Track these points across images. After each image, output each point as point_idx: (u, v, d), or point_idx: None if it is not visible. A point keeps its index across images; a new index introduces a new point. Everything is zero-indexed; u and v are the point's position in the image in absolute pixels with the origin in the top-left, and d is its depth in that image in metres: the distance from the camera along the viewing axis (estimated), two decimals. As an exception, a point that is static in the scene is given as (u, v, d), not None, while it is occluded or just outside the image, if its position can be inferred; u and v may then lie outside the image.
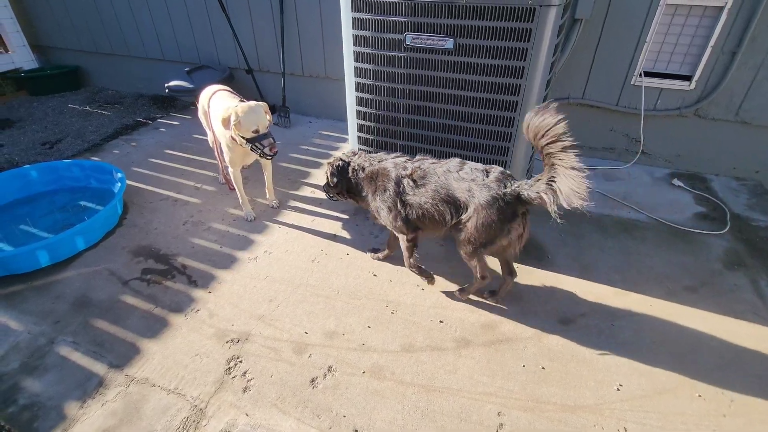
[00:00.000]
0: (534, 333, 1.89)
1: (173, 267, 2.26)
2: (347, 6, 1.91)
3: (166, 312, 2.00)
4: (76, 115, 4.14)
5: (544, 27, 1.64)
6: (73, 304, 2.05)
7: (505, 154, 1.97)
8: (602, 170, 3.06)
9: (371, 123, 2.17)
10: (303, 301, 2.05)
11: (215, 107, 2.43)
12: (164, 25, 4.05)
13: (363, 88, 2.08)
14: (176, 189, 2.93)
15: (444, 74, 1.87)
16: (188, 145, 3.51)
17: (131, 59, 4.49)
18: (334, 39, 3.44)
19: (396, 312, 1.99)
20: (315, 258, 2.31)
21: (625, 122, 3.01)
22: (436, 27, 1.78)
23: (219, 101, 2.44)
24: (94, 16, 4.31)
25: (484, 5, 1.65)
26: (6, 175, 2.71)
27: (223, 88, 2.56)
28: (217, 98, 2.49)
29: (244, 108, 2.14)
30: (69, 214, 2.67)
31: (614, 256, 2.30)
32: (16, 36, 4.57)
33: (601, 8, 2.67)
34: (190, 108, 4.21)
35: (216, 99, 2.49)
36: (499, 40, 1.71)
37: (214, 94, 2.52)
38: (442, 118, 1.99)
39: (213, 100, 2.50)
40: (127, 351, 1.82)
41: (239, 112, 2.12)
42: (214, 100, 2.49)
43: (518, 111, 1.84)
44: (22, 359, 1.78)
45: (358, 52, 2.00)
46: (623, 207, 2.68)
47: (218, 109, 2.36)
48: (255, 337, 1.88)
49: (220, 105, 2.38)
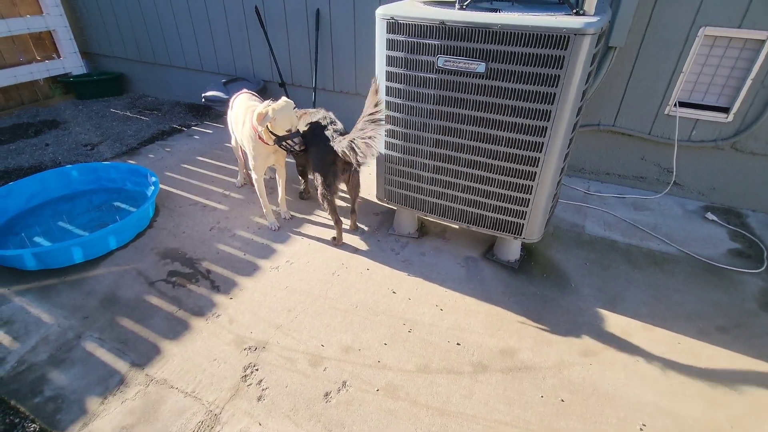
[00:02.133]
0: (554, 363, 1.84)
1: (198, 271, 2.32)
2: (383, 27, 1.96)
3: (188, 315, 2.05)
4: (117, 119, 4.35)
5: (578, 55, 1.64)
6: (102, 300, 2.12)
7: (531, 179, 1.96)
8: (632, 199, 2.99)
9: (399, 141, 2.19)
10: (321, 313, 2.07)
11: (237, 108, 2.59)
12: (205, 38, 4.24)
13: (392, 107, 2.12)
14: (205, 195, 3.02)
15: (474, 97, 1.88)
16: (219, 153, 3.63)
17: (171, 69, 4.70)
18: (366, 57, 3.52)
19: (413, 331, 1.98)
20: (335, 271, 2.33)
21: (657, 151, 2.95)
22: (469, 51, 1.80)
23: (241, 102, 2.60)
24: (141, 27, 4.55)
25: (518, 32, 1.67)
26: (50, 174, 2.86)
27: (245, 91, 2.73)
28: (239, 100, 2.66)
29: (281, 104, 2.24)
30: (104, 213, 2.78)
31: (642, 289, 2.23)
32: (68, 43, 4.86)
33: (636, 37, 2.65)
34: (223, 117, 4.35)
35: (238, 100, 2.66)
36: (531, 66, 1.72)
37: (237, 97, 2.70)
38: (470, 140, 2.00)
39: (235, 102, 2.68)
40: (148, 351, 1.87)
41: (276, 108, 2.21)
42: (236, 102, 2.67)
43: (547, 136, 1.83)
44: (50, 351, 1.85)
45: (390, 71, 2.04)
46: (653, 238, 2.60)
47: (242, 107, 2.52)
48: (272, 346, 1.90)
49: (242, 105, 2.55)
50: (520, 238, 2.16)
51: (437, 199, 2.27)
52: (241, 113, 2.52)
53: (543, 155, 1.88)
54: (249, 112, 2.44)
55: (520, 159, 1.93)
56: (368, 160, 2.13)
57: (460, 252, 2.48)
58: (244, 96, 2.67)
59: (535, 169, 1.93)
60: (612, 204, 2.94)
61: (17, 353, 1.84)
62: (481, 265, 2.38)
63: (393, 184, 2.37)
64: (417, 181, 2.27)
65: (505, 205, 2.09)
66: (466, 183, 2.13)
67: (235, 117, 2.64)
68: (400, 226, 2.60)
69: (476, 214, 2.20)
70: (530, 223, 2.09)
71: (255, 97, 2.69)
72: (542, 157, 1.89)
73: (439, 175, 2.18)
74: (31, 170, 3.32)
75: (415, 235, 2.60)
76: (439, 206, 2.29)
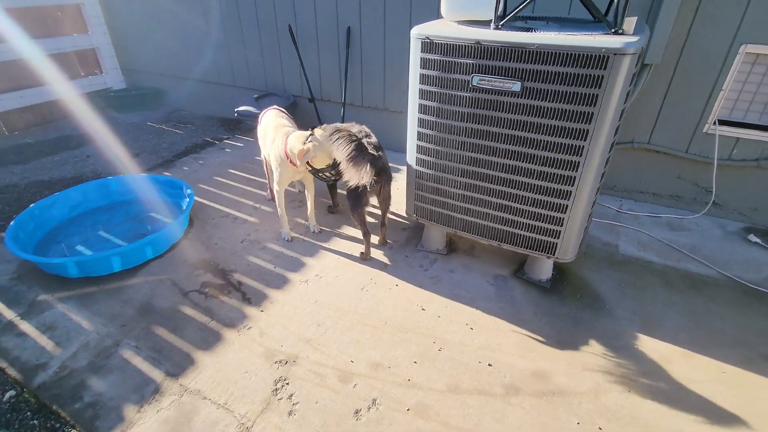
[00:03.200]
0: (590, 388, 1.78)
1: (230, 283, 2.37)
2: (417, 47, 1.99)
3: (220, 326, 2.08)
4: (152, 133, 4.52)
5: (617, 75, 1.63)
6: (138, 309, 2.18)
7: (567, 198, 1.93)
8: (667, 219, 2.90)
9: (430, 158, 2.20)
10: (350, 328, 2.07)
11: (266, 124, 2.68)
12: (239, 54, 4.39)
13: (425, 124, 2.14)
14: (236, 207, 3.09)
15: (508, 115, 1.88)
16: (249, 166, 3.71)
17: (205, 83, 4.87)
18: (395, 73, 3.57)
19: (443, 349, 1.96)
20: (364, 286, 2.33)
21: (695, 170, 2.86)
22: (504, 70, 1.81)
23: (270, 118, 2.68)
24: (177, 44, 4.75)
25: (556, 51, 1.67)
26: (92, 185, 2.99)
27: (274, 107, 2.80)
28: (267, 115, 2.74)
29: (321, 140, 2.28)
30: (140, 223, 2.88)
31: (681, 314, 2.14)
32: (110, 60, 5.11)
33: (672, 54, 2.60)
34: (253, 131, 4.47)
35: (266, 116, 2.74)
36: (569, 85, 1.71)
37: (266, 112, 2.78)
38: (503, 158, 1.99)
39: (264, 117, 2.77)
40: (182, 360, 1.90)
41: (318, 145, 2.27)
42: (264, 117, 2.76)
43: (584, 155, 1.81)
44: (89, 358, 1.91)
45: (423, 89, 2.06)
46: (690, 260, 2.51)
47: (271, 124, 2.60)
48: (302, 360, 1.90)
49: (270, 122, 2.63)
50: (554, 258, 2.13)
51: (468, 216, 2.26)
52: (270, 130, 2.58)
53: (579, 174, 1.85)
54: (279, 131, 2.50)
55: (555, 178, 1.91)
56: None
57: (490, 270, 2.45)
58: (273, 112, 2.74)
59: (571, 188, 1.90)
60: (646, 223, 2.86)
61: (59, 359, 1.91)
62: (512, 284, 2.35)
63: (423, 200, 2.37)
64: (448, 197, 2.27)
65: (539, 224, 2.06)
66: (499, 201, 2.11)
67: (263, 132, 2.71)
68: (429, 242, 2.60)
69: (508, 232, 2.18)
70: (564, 242, 2.06)
71: (283, 113, 2.76)
72: (578, 176, 1.86)
73: (470, 192, 2.17)
74: (73, 181, 3.48)
75: (444, 252, 2.58)
76: (470, 223, 2.28)
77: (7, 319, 2.12)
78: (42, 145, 4.22)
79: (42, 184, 3.43)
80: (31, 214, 2.64)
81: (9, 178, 3.53)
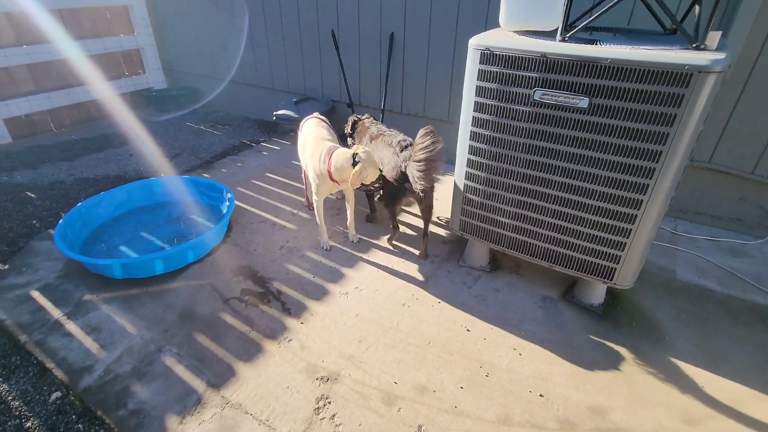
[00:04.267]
0: (652, 428, 1.65)
1: (269, 291, 2.34)
2: (475, 58, 1.91)
3: (260, 337, 2.05)
4: (191, 133, 4.58)
5: (700, 94, 1.50)
6: (180, 315, 2.18)
7: (631, 222, 1.81)
8: (728, 243, 2.72)
9: (482, 173, 2.12)
10: (393, 347, 2.00)
11: (306, 133, 2.63)
12: (279, 58, 4.40)
13: (478, 138, 2.05)
14: (274, 213, 3.08)
15: (573, 132, 1.78)
16: (287, 170, 3.71)
17: (243, 85, 4.91)
18: (437, 81, 3.49)
19: (491, 375, 1.87)
20: (405, 302, 2.26)
21: (760, 193, 2.67)
22: (571, 85, 1.71)
23: (310, 128, 2.63)
24: (218, 46, 4.81)
25: (632, 67, 1.56)
26: (136, 185, 3.03)
27: (315, 116, 2.76)
28: (307, 125, 2.69)
29: (372, 163, 2.26)
30: (181, 225, 2.90)
31: (749, 350, 1.98)
32: (153, 60, 5.23)
33: (743, 68, 2.43)
34: (290, 134, 4.47)
35: (307, 125, 2.70)
36: (643, 103, 1.59)
37: (306, 121, 2.74)
38: (563, 176, 1.88)
39: (304, 126, 2.73)
40: (223, 371, 1.88)
41: (367, 167, 2.22)
42: (305, 126, 2.72)
43: (655, 178, 1.68)
44: (134, 363, 1.91)
45: (479, 102, 1.97)
46: (757, 290, 2.33)
47: (311, 135, 2.55)
48: (344, 378, 1.85)
49: (311, 132, 2.57)
50: (611, 283, 2.00)
51: (519, 234, 2.16)
52: (310, 141, 2.52)
53: (647, 198, 1.73)
54: (319, 145, 2.43)
55: (621, 200, 1.79)
56: (425, 186, 2.22)
57: (537, 290, 2.34)
58: (313, 121, 2.69)
59: (636, 212, 1.78)
60: (704, 247, 2.68)
61: (104, 362, 1.91)
62: (561, 307, 2.23)
63: (470, 216, 2.29)
64: (497, 214, 2.18)
65: (598, 248, 1.94)
66: (555, 221, 2.01)
67: (303, 142, 2.65)
68: (472, 258, 2.51)
69: (562, 253, 2.07)
70: (624, 268, 1.93)
71: (323, 122, 2.70)
72: (646, 199, 1.74)
73: (523, 210, 2.07)
74: (117, 179, 3.55)
75: (488, 269, 2.49)
76: (520, 242, 2.18)
77: (54, 318, 2.15)
78: (87, 142, 4.34)
79: (87, 182, 3.51)
80: (79, 213, 2.69)
81: (56, 174, 3.63)
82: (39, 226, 2.89)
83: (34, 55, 4.22)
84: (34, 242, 2.72)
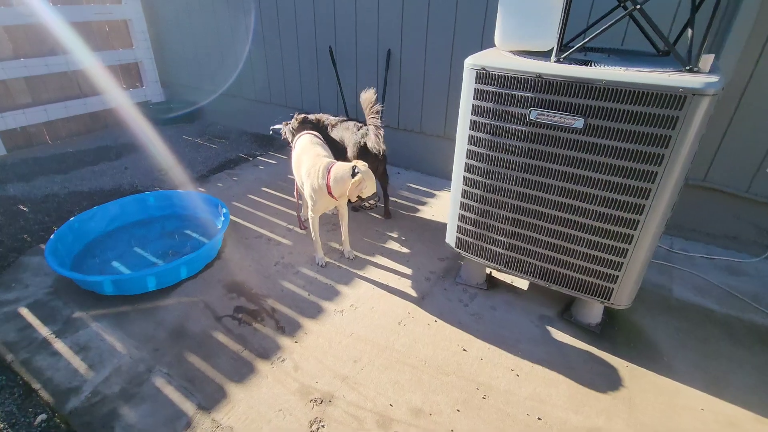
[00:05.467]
0: (652, 454, 1.62)
1: (263, 309, 2.30)
2: (471, 77, 1.92)
3: (253, 356, 2.01)
4: (188, 146, 4.57)
5: (694, 117, 1.51)
6: (171, 333, 2.13)
7: (628, 242, 1.80)
8: (724, 262, 2.71)
9: (477, 191, 2.11)
10: (388, 367, 1.97)
11: (300, 150, 2.63)
12: (276, 72, 4.43)
13: (474, 156, 2.05)
14: (270, 228, 3.06)
15: (568, 152, 1.78)
16: (282, 185, 3.69)
17: (240, 99, 4.93)
18: (434, 98, 3.51)
19: (488, 397, 1.83)
20: (401, 320, 2.23)
21: (756, 211, 2.68)
22: (566, 105, 1.71)
23: (304, 145, 2.64)
24: (216, 60, 4.84)
25: (626, 88, 1.57)
26: (130, 199, 3.00)
27: (307, 132, 2.78)
28: (302, 141, 2.70)
29: (370, 175, 2.27)
30: (175, 240, 2.87)
31: (749, 372, 1.96)
32: (151, 73, 5.25)
33: (736, 87, 2.46)
34: (286, 148, 4.47)
35: (301, 141, 2.70)
36: (638, 125, 1.60)
37: (300, 138, 2.75)
38: (559, 196, 1.88)
39: (298, 142, 2.73)
40: (214, 393, 1.83)
41: (366, 179, 2.24)
42: (299, 142, 2.72)
43: (651, 198, 1.68)
44: (122, 384, 1.86)
45: (474, 120, 1.98)
46: (755, 310, 2.32)
47: (307, 153, 2.54)
48: (338, 400, 1.81)
49: (305, 149, 2.57)
50: (608, 303, 1.98)
51: (515, 253, 2.15)
52: (306, 159, 2.51)
53: (644, 218, 1.73)
54: (317, 162, 2.41)
55: (617, 220, 1.78)
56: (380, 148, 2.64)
57: (534, 309, 2.32)
58: (307, 137, 2.69)
59: (633, 232, 1.77)
60: (701, 265, 2.68)
61: (92, 383, 1.86)
62: (558, 326, 2.21)
63: (466, 233, 2.27)
64: (493, 232, 2.16)
65: (595, 267, 1.93)
66: (551, 240, 1.99)
67: (297, 159, 2.63)
68: (468, 276, 2.49)
69: (559, 273, 2.05)
70: (621, 288, 1.92)
71: (318, 138, 2.71)
72: (642, 219, 1.73)
73: (519, 228, 2.06)
74: (111, 192, 3.52)
75: (484, 286, 2.46)
76: (516, 261, 2.17)
77: (42, 336, 2.10)
78: (82, 154, 4.32)
79: (81, 195, 3.48)
80: (71, 228, 2.66)
81: (50, 187, 3.60)
82: (30, 240, 2.85)
83: (31, 68, 4.23)
84: (24, 257, 2.68)
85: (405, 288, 2.47)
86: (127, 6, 4.82)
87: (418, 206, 3.36)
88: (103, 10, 4.64)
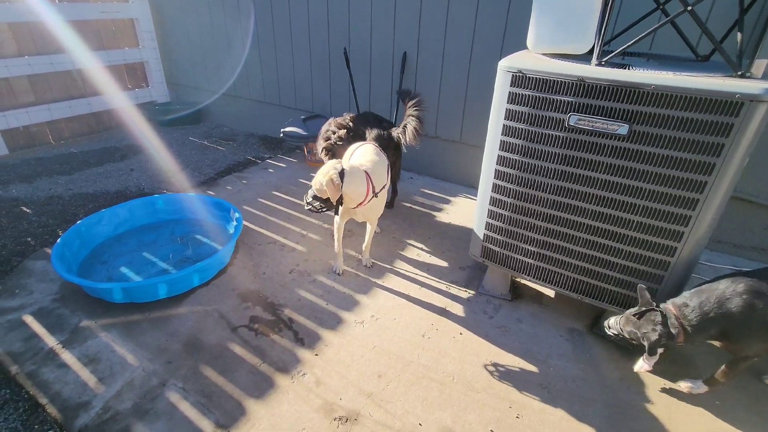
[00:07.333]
0: (700, 480, 1.53)
1: (280, 319, 2.20)
2: (506, 80, 1.84)
3: (272, 370, 1.91)
4: (195, 148, 4.48)
5: (749, 123, 1.44)
6: (185, 344, 2.03)
7: (671, 254, 1.72)
8: (753, 274, 2.63)
9: (507, 198, 2.03)
10: (415, 383, 1.87)
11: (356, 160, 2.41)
12: (287, 74, 4.35)
13: (505, 162, 1.97)
14: (283, 233, 2.96)
15: (609, 160, 1.70)
16: (294, 189, 3.60)
17: (248, 101, 4.84)
18: (450, 101, 3.44)
19: (522, 417, 1.74)
20: (425, 333, 2.14)
21: (786, 222, 2.61)
22: (609, 110, 1.64)
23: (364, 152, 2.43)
24: (225, 61, 4.75)
25: (677, 94, 1.49)
26: (138, 202, 2.90)
27: (369, 143, 2.58)
28: (361, 150, 2.49)
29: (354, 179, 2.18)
30: (186, 245, 2.76)
31: (791, 391, 1.88)
32: (157, 74, 5.15)
33: (768, 96, 2.39)
34: (296, 151, 4.39)
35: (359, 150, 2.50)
36: (688, 132, 1.52)
37: (358, 149, 2.52)
38: (597, 205, 1.80)
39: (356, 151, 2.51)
40: (233, 410, 1.73)
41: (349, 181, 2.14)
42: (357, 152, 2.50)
43: (698, 209, 1.60)
44: (135, 399, 1.76)
45: (508, 125, 1.90)
46: (790, 325, 2.23)
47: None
48: (364, 418, 1.71)
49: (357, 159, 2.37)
50: (646, 318, 1.89)
51: (546, 264, 2.06)
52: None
53: (689, 229, 1.65)
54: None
55: (660, 232, 1.70)
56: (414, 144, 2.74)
57: (562, 322, 2.23)
58: (371, 149, 2.47)
59: (677, 245, 1.69)
60: (729, 277, 2.59)
61: (102, 398, 1.76)
62: (589, 341, 2.12)
63: (494, 243, 2.19)
64: (523, 242, 2.08)
65: (633, 280, 1.85)
66: (586, 251, 1.91)
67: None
68: (492, 286, 2.40)
69: (593, 285, 1.97)
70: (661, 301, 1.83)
71: (377, 149, 2.51)
72: (687, 231, 1.65)
73: (552, 238, 1.98)
74: (117, 194, 3.42)
75: (508, 297, 2.37)
76: (547, 271, 2.08)
77: (48, 347, 1.99)
78: (87, 155, 4.21)
79: (86, 197, 3.38)
80: (78, 232, 2.56)
81: (54, 189, 3.49)
82: (34, 243, 2.75)
83: (36, 66, 4.12)
84: (28, 261, 2.57)
85: (426, 298, 2.38)
86: (134, 5, 4.73)
87: (434, 212, 3.27)
88: (110, 8, 4.55)
